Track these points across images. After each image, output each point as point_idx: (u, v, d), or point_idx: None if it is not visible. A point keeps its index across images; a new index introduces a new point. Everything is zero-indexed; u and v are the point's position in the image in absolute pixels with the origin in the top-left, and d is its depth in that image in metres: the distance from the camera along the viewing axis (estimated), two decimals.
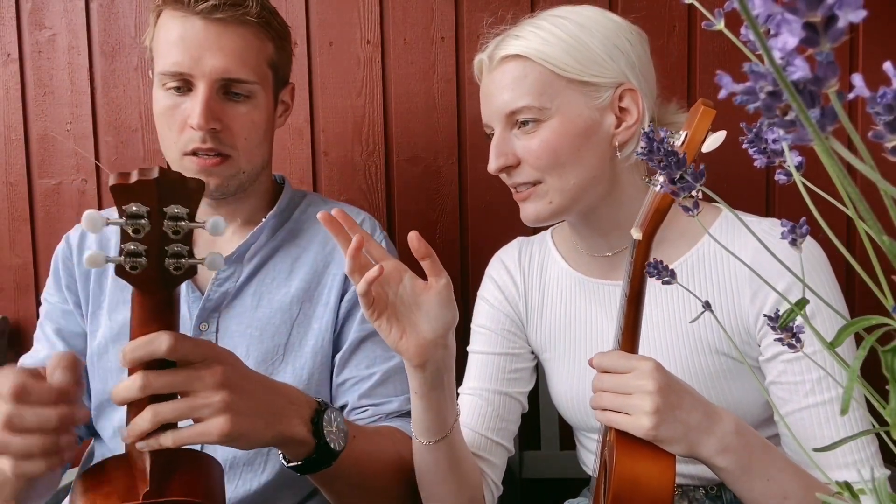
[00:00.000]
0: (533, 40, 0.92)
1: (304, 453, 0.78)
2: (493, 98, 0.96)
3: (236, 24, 0.98)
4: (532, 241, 1.14)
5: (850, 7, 0.24)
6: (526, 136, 0.93)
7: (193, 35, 0.96)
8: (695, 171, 0.45)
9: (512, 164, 0.95)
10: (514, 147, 0.95)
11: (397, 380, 1.04)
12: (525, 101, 0.92)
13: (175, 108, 0.99)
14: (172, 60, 0.96)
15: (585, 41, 0.92)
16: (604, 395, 0.77)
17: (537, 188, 0.95)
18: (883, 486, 0.41)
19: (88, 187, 1.51)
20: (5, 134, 1.51)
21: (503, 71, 0.94)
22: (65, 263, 1.11)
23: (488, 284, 1.13)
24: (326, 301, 1.05)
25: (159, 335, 0.66)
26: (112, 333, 1.06)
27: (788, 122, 0.28)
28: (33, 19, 1.49)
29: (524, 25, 0.96)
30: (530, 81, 0.92)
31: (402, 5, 1.43)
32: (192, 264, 0.65)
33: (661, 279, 0.58)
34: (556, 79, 0.92)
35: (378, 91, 1.45)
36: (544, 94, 0.92)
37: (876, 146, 0.29)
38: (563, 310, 1.06)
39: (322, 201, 1.17)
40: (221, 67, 0.97)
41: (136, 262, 0.63)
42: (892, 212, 0.31)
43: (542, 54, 0.92)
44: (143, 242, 0.62)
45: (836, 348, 0.38)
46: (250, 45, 1.00)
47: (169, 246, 0.64)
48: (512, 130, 0.95)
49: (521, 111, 0.93)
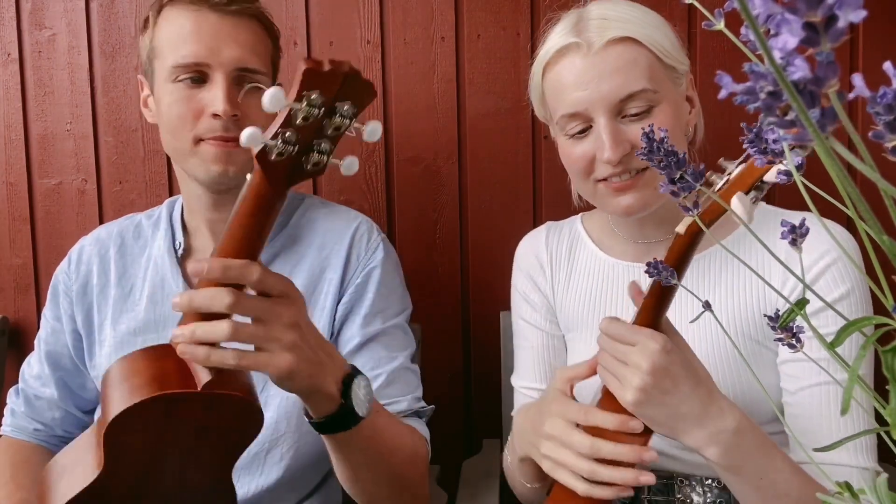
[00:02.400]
0: (638, 24, 0.91)
1: (327, 410, 0.78)
2: (600, 84, 0.90)
3: (248, 17, 1.02)
4: (561, 224, 1.15)
5: (850, 7, 0.24)
6: (639, 121, 0.91)
7: (209, 27, 0.99)
8: (695, 171, 0.45)
9: (628, 152, 0.91)
10: (627, 135, 0.91)
11: (402, 380, 1.04)
12: (642, 83, 0.89)
13: (189, 99, 0.99)
14: (188, 52, 0.98)
15: (668, 28, 0.95)
16: (604, 355, 0.81)
17: (644, 175, 0.92)
18: (883, 485, 0.41)
19: (88, 187, 1.51)
20: (5, 134, 1.51)
21: (611, 54, 0.90)
22: (64, 280, 1.14)
23: (518, 275, 1.15)
24: (323, 305, 1.06)
25: (251, 265, 0.68)
26: (117, 342, 1.08)
27: (788, 122, 0.28)
28: (33, 19, 1.49)
29: (607, 8, 0.93)
30: (643, 65, 0.90)
31: (402, 5, 1.43)
32: (329, 163, 0.65)
33: (662, 279, 0.58)
34: (659, 64, 0.92)
35: (378, 91, 1.45)
36: (654, 79, 0.91)
37: (876, 146, 0.29)
38: (589, 291, 1.07)
39: (321, 204, 1.17)
40: (238, 57, 0.99)
41: (285, 149, 0.62)
42: (892, 212, 0.31)
43: (650, 38, 0.91)
44: (300, 132, 0.62)
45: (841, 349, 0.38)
46: (260, 38, 1.04)
47: (319, 140, 0.63)
48: (617, 118, 0.91)
49: (637, 95, 0.89)
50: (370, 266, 1.07)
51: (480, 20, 1.42)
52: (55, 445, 1.13)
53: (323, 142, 0.63)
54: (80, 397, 1.13)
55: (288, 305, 0.72)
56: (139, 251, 1.13)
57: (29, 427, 1.12)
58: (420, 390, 1.07)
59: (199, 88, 0.99)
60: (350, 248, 1.08)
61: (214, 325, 0.68)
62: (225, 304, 0.67)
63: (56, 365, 1.12)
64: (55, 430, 1.13)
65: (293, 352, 0.71)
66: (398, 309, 1.09)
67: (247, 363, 0.69)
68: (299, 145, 0.62)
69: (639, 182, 0.92)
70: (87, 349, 1.10)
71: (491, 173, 1.44)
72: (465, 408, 1.50)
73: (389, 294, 1.08)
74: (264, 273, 0.69)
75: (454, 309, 1.47)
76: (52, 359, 1.12)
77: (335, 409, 0.78)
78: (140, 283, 1.10)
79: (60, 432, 1.14)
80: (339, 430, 0.80)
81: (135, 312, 1.08)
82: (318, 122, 0.61)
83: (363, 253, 1.08)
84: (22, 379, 1.14)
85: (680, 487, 0.95)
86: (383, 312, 1.06)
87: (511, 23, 1.41)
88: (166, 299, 1.07)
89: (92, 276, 1.11)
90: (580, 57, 0.91)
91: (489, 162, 1.44)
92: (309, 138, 0.63)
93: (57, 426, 1.13)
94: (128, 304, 1.09)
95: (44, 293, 1.51)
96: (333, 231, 1.10)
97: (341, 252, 1.07)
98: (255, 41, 1.02)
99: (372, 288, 1.06)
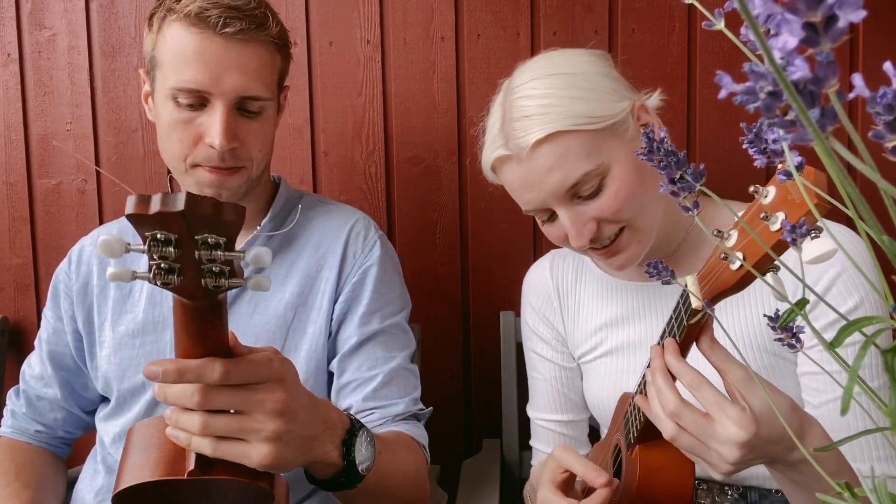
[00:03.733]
0: (553, 112, 0.89)
1: (329, 473, 0.78)
2: (541, 185, 0.92)
3: (255, 43, 0.97)
4: (564, 253, 1.15)
5: (850, 7, 0.24)
6: (593, 200, 0.91)
7: (212, 53, 0.94)
8: (695, 171, 0.45)
9: (594, 230, 0.93)
10: (589, 214, 0.92)
11: (400, 381, 1.04)
12: (581, 170, 0.89)
13: (188, 122, 0.97)
14: (190, 77, 0.94)
15: (589, 86, 0.91)
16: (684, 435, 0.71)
17: (622, 236, 0.94)
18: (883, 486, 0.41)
19: (88, 187, 1.51)
20: (5, 134, 1.51)
21: (541, 155, 0.90)
22: (64, 280, 1.13)
23: (527, 309, 1.17)
24: (320, 305, 1.05)
25: (211, 362, 0.62)
26: (115, 343, 1.08)
27: (788, 122, 0.28)
28: (33, 19, 1.49)
29: (523, 107, 0.92)
30: (576, 151, 0.89)
31: (402, 5, 1.43)
32: (235, 284, 0.58)
33: (662, 279, 0.58)
34: (594, 136, 0.90)
35: (378, 91, 1.45)
36: (592, 155, 0.90)
37: (876, 146, 0.29)
38: (598, 314, 1.08)
39: (319, 202, 1.16)
40: (241, 86, 0.95)
41: (168, 279, 0.56)
42: (892, 212, 0.31)
43: (574, 120, 0.89)
44: (175, 261, 0.55)
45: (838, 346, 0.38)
46: (265, 63, 0.99)
47: (206, 266, 0.56)
48: (572, 202, 0.93)
49: (581, 182, 0.90)
50: (367, 264, 1.07)
51: (480, 20, 1.42)
52: (56, 447, 1.13)
53: (213, 266, 0.56)
54: (82, 397, 1.13)
55: (270, 391, 0.66)
56: (139, 254, 1.13)
57: (30, 428, 1.12)
58: (418, 392, 1.06)
59: (199, 112, 0.96)
60: (346, 246, 1.07)
61: (189, 416, 0.65)
62: (195, 403, 0.64)
63: (59, 365, 1.12)
64: (56, 432, 1.13)
65: (275, 442, 0.66)
66: (397, 307, 1.09)
67: (221, 453, 0.66)
68: (184, 273, 0.56)
69: (619, 245, 0.94)
70: (87, 350, 1.10)
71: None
72: (465, 408, 1.50)
73: (387, 292, 1.08)
74: (230, 367, 0.63)
75: (454, 309, 1.47)
76: (54, 359, 1.12)
77: (337, 471, 0.77)
78: (140, 284, 1.09)
79: (62, 433, 1.14)
80: (343, 488, 0.79)
81: (134, 314, 1.08)
82: (188, 253, 0.55)
83: (360, 251, 1.08)
84: (23, 379, 1.14)
85: (698, 493, 0.95)
86: (381, 311, 1.06)
87: (511, 23, 1.41)
88: (165, 300, 1.06)
89: (92, 277, 1.11)
90: (515, 164, 0.93)
91: None
92: (194, 264, 0.56)
93: (59, 427, 1.13)
94: (127, 306, 1.09)
95: (44, 293, 1.51)
96: (330, 229, 1.10)
97: (337, 250, 1.07)
98: (260, 67, 0.97)
99: (369, 286, 1.06)
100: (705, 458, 0.70)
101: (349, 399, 1.03)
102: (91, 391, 1.13)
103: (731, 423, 0.66)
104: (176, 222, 0.53)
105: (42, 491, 1.03)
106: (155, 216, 0.52)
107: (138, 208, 0.53)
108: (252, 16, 0.96)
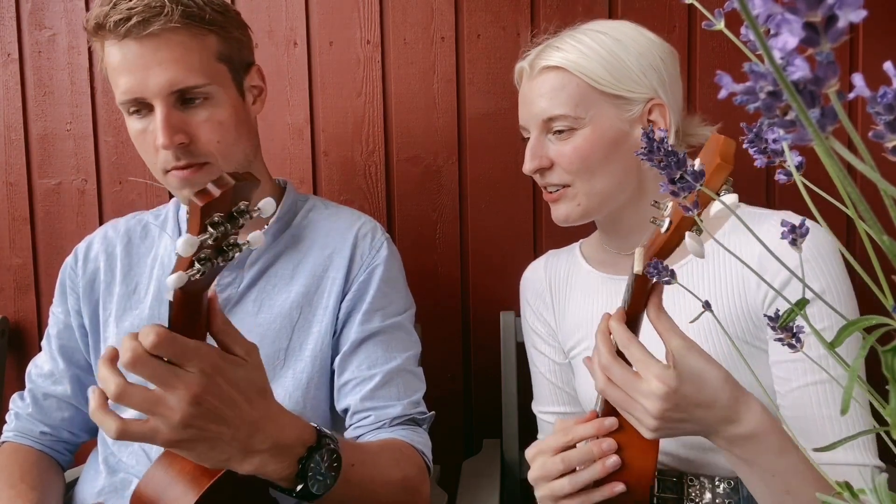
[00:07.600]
0: (572, 53, 0.98)
1: (286, 486, 0.78)
2: (531, 104, 1.02)
3: (168, 34, 0.94)
4: (560, 252, 1.20)
5: (850, 7, 0.24)
6: (560, 141, 1.00)
7: (132, 58, 0.95)
8: (695, 171, 0.45)
9: (545, 167, 1.01)
10: (549, 151, 1.01)
11: (399, 382, 1.03)
12: (561, 110, 0.98)
13: (144, 132, 0.99)
14: (123, 88, 0.96)
15: (622, 57, 0.98)
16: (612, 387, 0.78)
17: (567, 191, 1.02)
18: (883, 485, 0.41)
19: (88, 187, 1.51)
20: (5, 134, 1.51)
21: (543, 80, 1.00)
22: (70, 276, 1.13)
23: (524, 307, 1.21)
24: (326, 304, 1.05)
25: (152, 328, 0.64)
26: (119, 339, 1.07)
27: (788, 122, 0.28)
28: (33, 19, 1.49)
29: (565, 38, 1.01)
30: (568, 92, 0.98)
31: (402, 5, 1.43)
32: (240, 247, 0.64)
33: (661, 280, 0.58)
34: (591, 91, 0.98)
35: (378, 91, 1.45)
36: (580, 105, 0.98)
37: (876, 146, 0.29)
38: (586, 308, 1.09)
39: (324, 205, 1.16)
40: (167, 81, 0.94)
41: (206, 266, 0.61)
42: (892, 212, 0.31)
43: (580, 67, 0.97)
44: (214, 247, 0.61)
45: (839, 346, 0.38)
46: (189, 49, 0.96)
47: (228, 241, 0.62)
48: (547, 135, 1.01)
49: (556, 119, 0.99)
50: (374, 264, 1.07)
51: (480, 20, 1.42)
52: (59, 453, 1.12)
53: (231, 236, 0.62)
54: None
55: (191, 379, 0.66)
56: (145, 251, 1.13)
57: (35, 430, 1.10)
58: (419, 395, 1.06)
59: (149, 117, 0.98)
60: (354, 247, 1.08)
61: (113, 377, 0.66)
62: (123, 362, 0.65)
63: (70, 360, 1.11)
64: (62, 434, 1.12)
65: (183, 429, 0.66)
66: (400, 308, 1.09)
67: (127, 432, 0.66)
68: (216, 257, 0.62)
69: (563, 196, 1.02)
70: (92, 346, 1.10)
71: (491, 173, 1.44)
72: (465, 408, 1.50)
73: (391, 292, 1.08)
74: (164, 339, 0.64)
75: (454, 309, 1.47)
76: (66, 353, 1.11)
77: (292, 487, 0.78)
78: (145, 281, 1.10)
79: (66, 436, 1.12)
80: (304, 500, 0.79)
81: (139, 310, 1.08)
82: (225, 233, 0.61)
83: (367, 251, 1.08)
84: (29, 380, 1.13)
85: (690, 486, 0.95)
86: (384, 310, 1.06)
87: (511, 23, 1.41)
88: None
89: (99, 273, 1.12)
90: (526, 79, 1.05)
91: (489, 162, 1.44)
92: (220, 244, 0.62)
93: (64, 428, 1.12)
94: (132, 302, 1.09)
95: (44, 293, 1.51)
96: (336, 231, 1.10)
97: (345, 251, 1.07)
98: (184, 55, 0.95)
99: (374, 285, 1.06)
100: (631, 411, 0.76)
101: (347, 399, 1.03)
102: None
103: (653, 377, 0.73)
104: (226, 198, 0.58)
105: (47, 494, 1.03)
106: (219, 199, 0.57)
107: (205, 198, 0.57)
108: (148, 6, 0.93)
